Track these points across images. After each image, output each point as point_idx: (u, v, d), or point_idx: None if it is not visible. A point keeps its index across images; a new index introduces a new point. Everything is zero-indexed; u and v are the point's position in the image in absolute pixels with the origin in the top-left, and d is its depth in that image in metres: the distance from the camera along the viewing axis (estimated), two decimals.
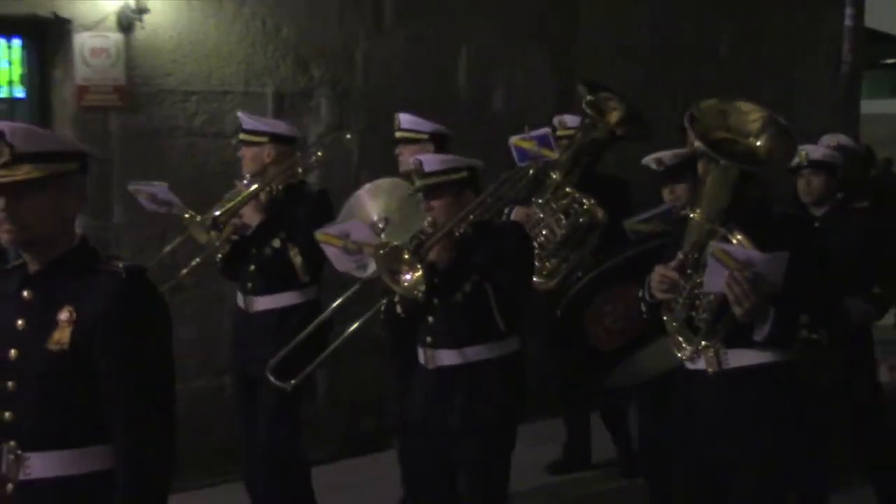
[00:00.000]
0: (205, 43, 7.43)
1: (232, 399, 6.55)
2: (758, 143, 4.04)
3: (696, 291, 3.99)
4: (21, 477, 3.15)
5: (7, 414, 3.17)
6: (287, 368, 5.48)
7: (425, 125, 6.47)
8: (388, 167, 6.59)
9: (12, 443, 3.16)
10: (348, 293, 5.52)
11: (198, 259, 5.98)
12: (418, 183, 4.97)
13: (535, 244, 6.21)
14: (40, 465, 3.15)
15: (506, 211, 6.39)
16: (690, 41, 9.80)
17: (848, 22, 11.05)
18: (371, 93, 8.07)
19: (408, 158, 6.23)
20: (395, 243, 4.77)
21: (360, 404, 7.58)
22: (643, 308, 4.33)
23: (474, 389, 4.91)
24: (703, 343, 4.03)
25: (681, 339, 4.07)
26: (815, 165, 6.29)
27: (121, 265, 3.21)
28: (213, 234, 5.67)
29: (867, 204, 6.74)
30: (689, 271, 4.00)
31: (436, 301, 4.90)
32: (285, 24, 7.74)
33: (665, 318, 4.12)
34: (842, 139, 7.73)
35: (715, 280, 3.81)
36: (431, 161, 4.97)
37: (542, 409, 7.88)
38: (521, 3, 8.80)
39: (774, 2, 10.45)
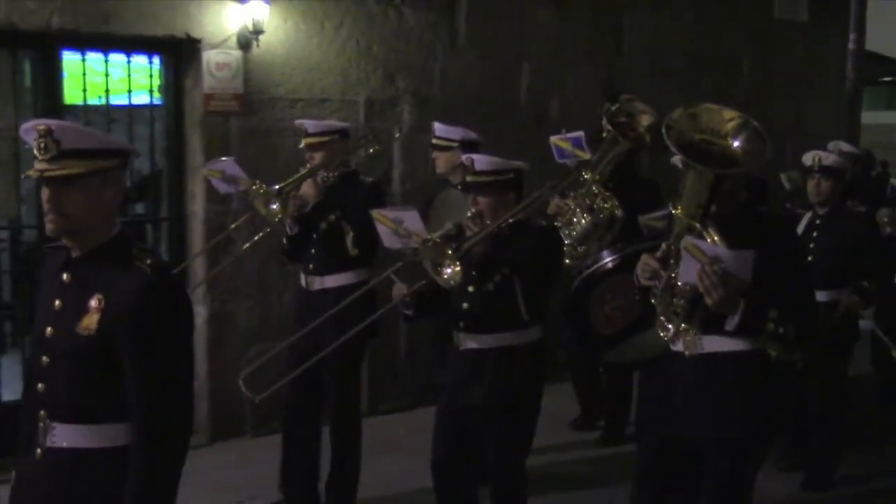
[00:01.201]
0: (309, 58, 7.48)
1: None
2: (734, 145, 3.74)
3: (672, 281, 3.73)
4: (47, 444, 3.04)
5: (41, 385, 3.06)
6: (349, 345, 5.34)
7: (456, 133, 6.31)
8: None
9: (42, 412, 3.05)
10: (387, 272, 5.16)
11: (260, 234, 5.81)
12: (469, 178, 4.73)
13: (566, 231, 6.06)
14: (62, 435, 3.03)
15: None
16: (717, 60, 9.75)
17: (851, 45, 10.97)
18: (446, 101, 8.07)
19: (441, 162, 6.26)
20: (438, 238, 4.54)
21: (435, 359, 7.63)
22: (636, 293, 4.08)
23: (499, 371, 4.68)
24: (683, 327, 3.78)
25: (664, 321, 3.81)
26: (826, 171, 6.16)
27: (149, 261, 3.03)
28: (274, 207, 5.42)
29: (864, 209, 6.54)
30: (671, 261, 3.74)
31: (470, 289, 4.68)
32: (375, 44, 7.78)
33: (653, 301, 3.84)
34: (843, 146, 7.61)
35: (688, 271, 3.59)
36: (483, 161, 4.72)
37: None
38: (573, 27, 8.81)
39: (789, 27, 10.38)
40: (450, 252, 4.44)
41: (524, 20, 8.54)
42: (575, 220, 6.15)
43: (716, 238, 3.61)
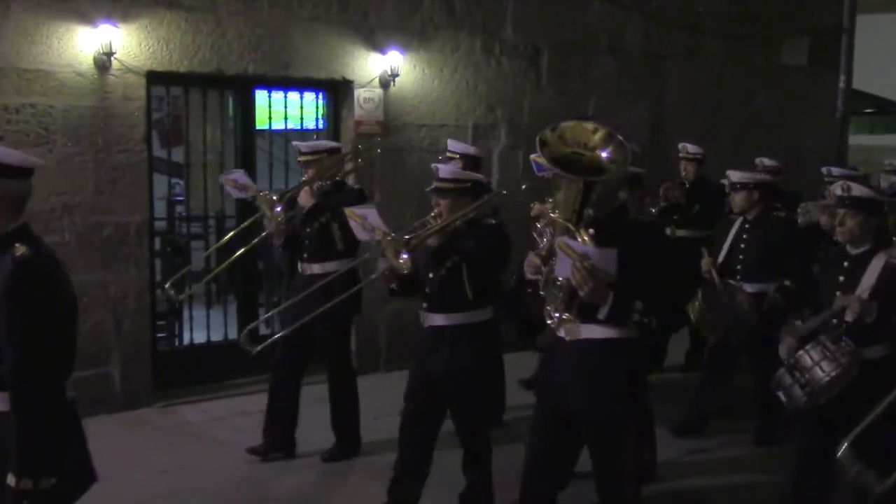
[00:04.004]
0: (431, 94, 7.55)
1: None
2: (602, 155, 3.24)
3: (552, 275, 3.29)
4: None
5: None
6: (337, 320, 5.18)
7: (459, 147, 6.04)
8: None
9: None
10: (365, 255, 5.11)
11: (263, 233, 5.33)
12: (434, 184, 4.35)
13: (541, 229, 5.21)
14: None
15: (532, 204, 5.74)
16: (736, 96, 9.59)
17: (841, 85, 10.66)
18: (533, 126, 7.90)
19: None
20: (395, 235, 4.17)
21: None
22: (528, 286, 3.61)
23: (455, 343, 4.27)
24: (566, 316, 3.33)
25: (549, 310, 3.36)
26: (735, 186, 5.71)
27: (19, 252, 2.70)
28: (278, 210, 5.04)
29: (784, 214, 5.89)
30: (552, 259, 3.29)
31: (431, 276, 4.28)
32: (480, 84, 7.83)
33: (542, 293, 3.39)
34: (766, 161, 7.09)
35: (563, 267, 3.17)
36: (446, 170, 4.38)
37: None
38: (628, 71, 8.76)
39: (792, 71, 10.17)
40: (403, 244, 4.10)
41: (591, 66, 8.52)
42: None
43: (585, 238, 3.18)
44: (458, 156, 5.95)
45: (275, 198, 5.10)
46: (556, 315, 3.33)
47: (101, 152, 6.14)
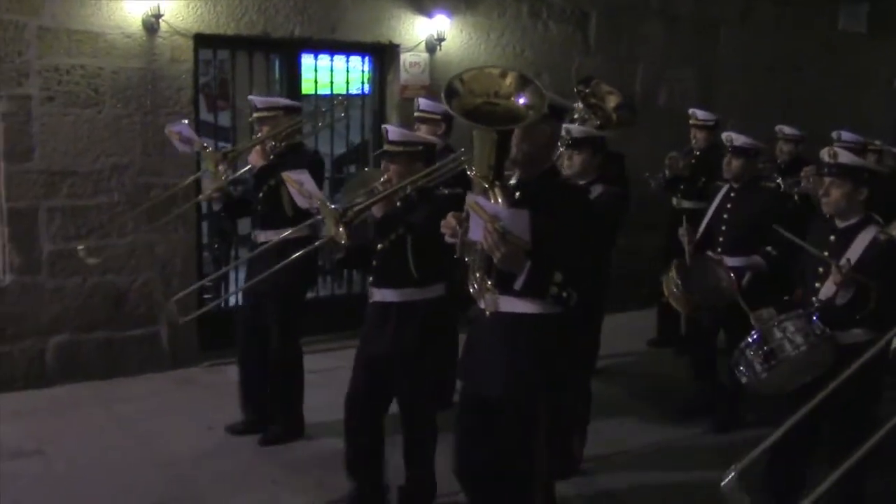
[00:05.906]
0: (477, 59, 7.46)
1: None
2: (519, 102, 2.85)
3: (466, 238, 2.93)
4: None
5: None
6: (287, 291, 4.88)
7: (439, 108, 5.31)
8: None
9: None
10: (296, 229, 4.69)
11: (209, 191, 5.14)
12: (384, 147, 3.95)
13: None
14: None
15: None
16: (791, 63, 9.37)
17: None
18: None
19: (424, 130, 5.23)
20: (333, 205, 3.82)
21: None
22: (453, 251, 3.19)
23: (401, 322, 3.95)
24: (488, 285, 2.99)
25: (472, 278, 3.03)
26: (736, 151, 5.23)
27: None
28: (222, 168, 4.76)
29: (774, 184, 5.61)
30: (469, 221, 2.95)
31: (379, 247, 3.94)
32: (527, 49, 7.77)
33: (466, 259, 3.04)
34: (786, 129, 6.82)
35: (475, 229, 2.84)
36: (395, 132, 3.96)
37: None
38: (677, 37, 8.61)
39: (850, 37, 9.91)
40: (338, 214, 3.73)
41: (640, 31, 8.39)
42: None
43: (499, 199, 2.86)
44: (439, 117, 5.35)
45: (228, 149, 4.90)
46: (477, 284, 3.01)
47: (149, 114, 6.22)
